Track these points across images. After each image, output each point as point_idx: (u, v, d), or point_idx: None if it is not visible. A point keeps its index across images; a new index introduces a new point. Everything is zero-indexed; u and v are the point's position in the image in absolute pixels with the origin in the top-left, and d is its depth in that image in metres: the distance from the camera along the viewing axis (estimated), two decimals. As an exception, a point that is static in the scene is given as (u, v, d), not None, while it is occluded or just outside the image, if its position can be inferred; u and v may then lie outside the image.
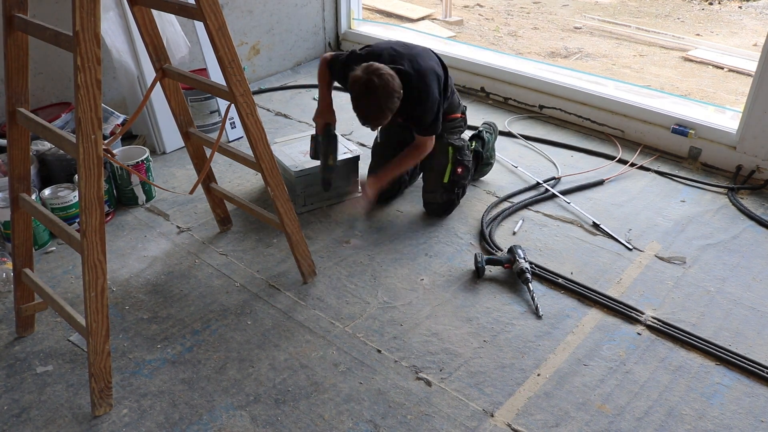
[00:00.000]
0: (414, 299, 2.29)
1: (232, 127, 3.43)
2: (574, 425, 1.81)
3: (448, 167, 2.70)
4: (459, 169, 2.72)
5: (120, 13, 2.98)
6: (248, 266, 2.45)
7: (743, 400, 1.89)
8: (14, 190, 1.90)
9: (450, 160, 2.70)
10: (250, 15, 3.94)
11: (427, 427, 1.79)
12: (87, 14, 1.46)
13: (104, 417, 1.82)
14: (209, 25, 1.77)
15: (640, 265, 2.46)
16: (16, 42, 1.73)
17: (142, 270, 2.43)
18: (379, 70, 2.36)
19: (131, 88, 3.13)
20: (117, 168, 2.75)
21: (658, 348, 2.08)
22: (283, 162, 2.75)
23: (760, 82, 2.87)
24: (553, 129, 3.53)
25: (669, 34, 5.97)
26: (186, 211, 2.79)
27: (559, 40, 5.94)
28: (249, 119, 1.96)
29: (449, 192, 2.72)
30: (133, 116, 2.13)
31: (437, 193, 2.71)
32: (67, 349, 2.06)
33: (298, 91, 4.07)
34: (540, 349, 2.07)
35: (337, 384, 1.93)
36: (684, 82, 4.97)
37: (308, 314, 2.21)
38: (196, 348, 2.07)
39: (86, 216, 1.61)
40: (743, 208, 2.80)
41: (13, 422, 1.80)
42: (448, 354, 2.05)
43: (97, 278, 1.67)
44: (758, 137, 2.96)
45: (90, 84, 1.52)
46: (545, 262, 2.47)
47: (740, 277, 2.40)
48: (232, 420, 1.81)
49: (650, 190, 2.97)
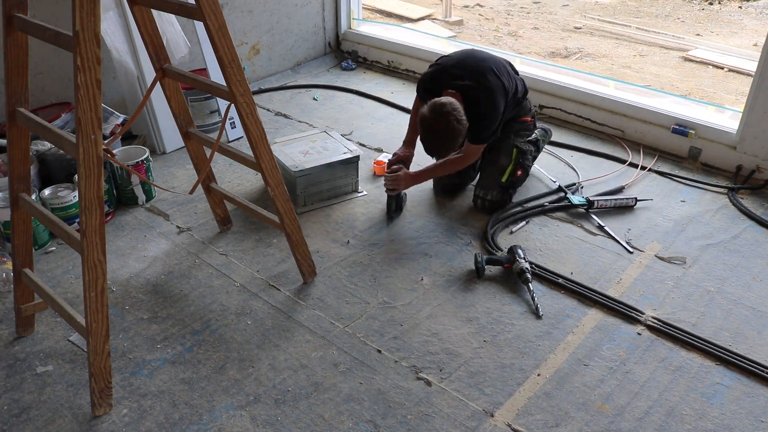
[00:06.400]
0: (414, 299, 2.29)
1: (232, 127, 3.43)
2: (574, 425, 1.81)
3: (509, 168, 2.74)
4: (519, 171, 2.77)
5: (120, 13, 2.98)
6: (248, 266, 2.45)
7: (743, 400, 1.89)
8: (14, 190, 1.90)
9: (513, 160, 2.75)
10: (250, 15, 3.94)
11: (427, 427, 1.79)
12: (87, 14, 1.46)
13: (104, 417, 1.82)
14: (209, 25, 1.77)
15: (640, 265, 2.45)
16: (16, 42, 1.73)
17: (142, 270, 2.43)
18: (443, 110, 2.44)
19: (131, 88, 3.13)
20: (117, 168, 2.75)
21: (658, 348, 2.08)
22: (283, 162, 2.75)
23: (760, 82, 2.87)
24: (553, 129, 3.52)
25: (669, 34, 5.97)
26: (186, 211, 2.79)
27: (559, 40, 5.94)
28: (249, 119, 1.96)
29: (504, 192, 2.75)
30: (133, 116, 2.13)
31: (493, 191, 2.73)
32: (67, 349, 2.06)
33: (298, 91, 4.07)
34: (540, 349, 2.07)
35: (337, 384, 1.93)
36: (684, 82, 4.97)
37: (308, 314, 2.21)
38: (196, 348, 2.07)
39: (86, 216, 1.61)
40: (743, 208, 2.80)
41: (13, 422, 1.80)
42: (448, 354, 2.05)
43: (97, 278, 1.67)
44: (758, 137, 2.96)
45: (90, 84, 1.52)
46: (545, 262, 2.47)
47: (740, 277, 2.40)
48: (232, 420, 1.81)
49: (650, 189, 2.96)
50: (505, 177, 2.74)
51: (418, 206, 2.83)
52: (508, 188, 2.77)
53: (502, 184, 2.74)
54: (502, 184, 2.74)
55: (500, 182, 2.73)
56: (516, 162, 2.75)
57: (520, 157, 2.77)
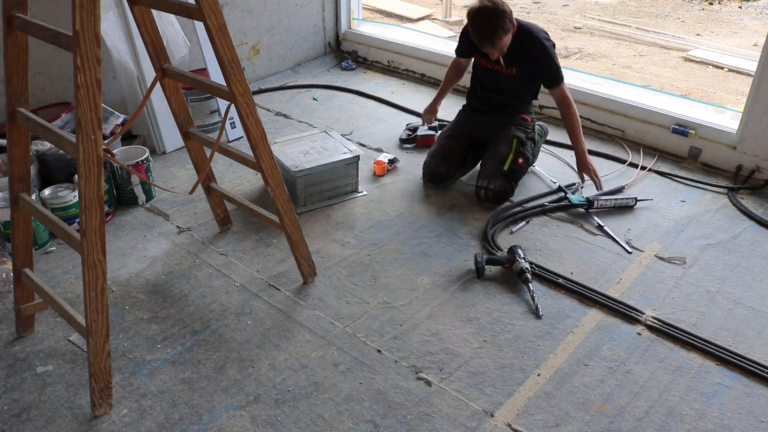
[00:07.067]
0: (414, 299, 2.29)
1: (232, 127, 3.43)
2: (574, 425, 1.81)
3: (510, 156, 2.78)
4: (520, 159, 2.81)
5: (120, 13, 2.98)
6: (248, 266, 2.45)
7: (743, 400, 1.89)
8: (14, 190, 1.90)
9: (513, 149, 2.79)
10: (250, 15, 3.94)
11: (427, 427, 1.79)
12: (87, 14, 1.46)
13: (104, 417, 1.82)
14: (209, 25, 1.77)
15: (640, 265, 2.45)
16: (16, 42, 1.73)
17: (142, 270, 2.43)
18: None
19: (131, 88, 3.13)
20: (117, 168, 2.75)
21: (658, 348, 2.08)
22: (283, 162, 2.75)
23: (760, 82, 2.87)
24: (553, 129, 3.52)
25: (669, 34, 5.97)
26: (186, 211, 2.79)
27: (559, 40, 5.94)
28: (249, 119, 1.96)
29: (507, 181, 2.78)
30: (133, 116, 2.13)
31: (496, 180, 2.75)
32: (67, 349, 2.06)
33: (298, 91, 4.07)
34: (540, 349, 2.07)
35: (337, 384, 1.93)
36: (684, 82, 4.97)
37: (308, 314, 2.21)
38: (196, 348, 2.07)
39: (86, 216, 1.61)
40: (743, 208, 2.80)
41: (13, 422, 1.80)
42: (448, 354, 2.05)
43: (97, 278, 1.67)
44: (758, 137, 2.96)
45: (90, 84, 1.52)
46: (545, 262, 2.47)
47: (740, 277, 2.40)
48: (232, 420, 1.81)
49: (650, 190, 2.96)
50: (507, 165, 2.77)
51: (418, 206, 2.83)
52: (511, 177, 2.79)
53: (504, 172, 2.76)
54: (504, 172, 2.76)
55: (502, 170, 2.76)
56: (516, 151, 2.80)
57: (520, 146, 2.82)
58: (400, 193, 2.93)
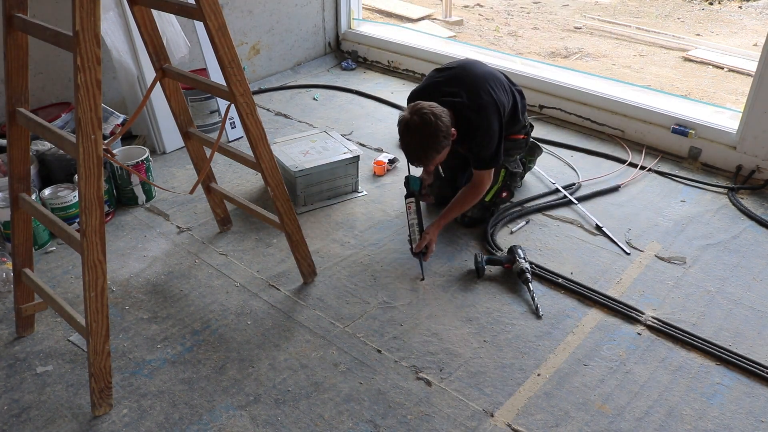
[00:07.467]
0: (414, 299, 2.29)
1: (232, 127, 3.43)
2: (574, 425, 1.80)
3: (494, 188, 2.64)
4: (504, 193, 2.71)
5: (120, 13, 2.98)
6: (248, 266, 2.45)
7: (743, 400, 1.89)
8: (14, 190, 1.90)
9: (500, 181, 2.66)
10: (250, 15, 3.94)
11: (427, 427, 1.79)
12: (87, 14, 1.46)
13: (104, 417, 1.82)
14: (209, 25, 1.77)
15: (640, 265, 2.45)
16: (16, 42, 1.73)
17: (142, 270, 2.43)
18: (422, 110, 2.22)
19: (131, 88, 3.13)
20: (117, 168, 2.75)
21: (658, 348, 2.08)
22: (283, 162, 2.75)
23: (760, 82, 2.87)
24: (553, 129, 3.53)
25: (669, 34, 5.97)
26: (186, 211, 2.79)
27: (559, 40, 5.94)
28: (249, 119, 1.96)
29: (484, 210, 2.67)
30: (133, 116, 2.13)
31: (474, 208, 2.59)
32: (67, 349, 2.06)
33: (298, 91, 4.07)
34: (540, 349, 2.07)
35: (337, 384, 1.93)
36: (684, 82, 4.97)
37: (308, 314, 2.21)
38: (196, 348, 2.07)
39: (86, 216, 1.61)
40: (743, 208, 2.80)
41: (13, 422, 1.80)
42: (448, 354, 2.05)
43: (97, 278, 1.67)
44: (758, 137, 2.96)
45: (90, 84, 1.52)
46: (545, 262, 2.47)
47: (740, 277, 2.40)
48: (232, 420, 1.81)
49: (650, 190, 2.96)
50: (489, 196, 2.63)
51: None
52: (490, 207, 2.69)
53: (485, 203, 2.64)
54: (485, 203, 2.64)
55: (483, 201, 2.60)
56: (503, 183, 2.68)
57: (508, 179, 2.70)
58: (400, 193, 2.93)
